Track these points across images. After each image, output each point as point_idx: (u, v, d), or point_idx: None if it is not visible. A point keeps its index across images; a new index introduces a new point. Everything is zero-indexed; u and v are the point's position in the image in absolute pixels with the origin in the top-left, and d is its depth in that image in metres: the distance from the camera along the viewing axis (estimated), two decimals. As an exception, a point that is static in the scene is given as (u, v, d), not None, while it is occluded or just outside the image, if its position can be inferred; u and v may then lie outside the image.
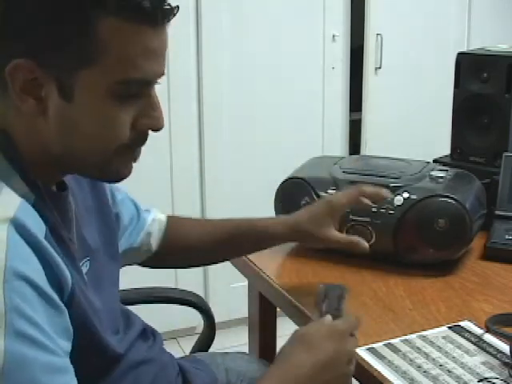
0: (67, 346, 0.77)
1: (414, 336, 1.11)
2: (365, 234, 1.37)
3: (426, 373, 1.01)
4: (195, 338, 1.54)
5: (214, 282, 2.79)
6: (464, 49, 2.68)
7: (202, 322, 1.54)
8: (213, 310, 1.53)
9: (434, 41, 3.07)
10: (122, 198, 1.17)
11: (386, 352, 1.06)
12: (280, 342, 1.65)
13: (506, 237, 1.44)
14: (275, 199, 1.51)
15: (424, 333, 1.12)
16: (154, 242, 1.24)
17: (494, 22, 3.15)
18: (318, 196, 1.44)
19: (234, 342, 2.44)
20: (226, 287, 2.73)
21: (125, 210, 1.17)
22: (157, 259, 1.25)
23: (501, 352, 1.05)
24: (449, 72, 1.74)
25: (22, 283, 0.70)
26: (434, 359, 1.04)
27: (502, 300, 1.25)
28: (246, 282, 1.55)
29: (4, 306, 0.67)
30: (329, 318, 0.97)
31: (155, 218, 1.25)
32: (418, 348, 1.08)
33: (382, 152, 1.84)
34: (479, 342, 1.08)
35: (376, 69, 2.96)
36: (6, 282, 0.68)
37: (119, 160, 0.86)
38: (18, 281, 0.70)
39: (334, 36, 2.86)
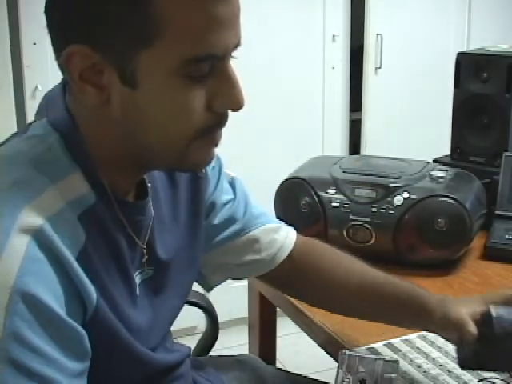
0: (81, 367, 0.71)
1: (413, 336, 1.11)
2: (365, 234, 1.37)
3: (425, 373, 1.01)
4: (195, 338, 1.54)
5: (214, 282, 2.79)
6: (464, 49, 2.68)
7: (202, 321, 1.54)
8: (213, 309, 1.53)
9: (433, 41, 3.07)
10: (233, 196, 1.07)
11: (386, 352, 1.06)
12: (280, 342, 1.66)
13: (506, 237, 1.45)
14: (275, 199, 1.51)
15: (424, 333, 1.12)
16: (280, 253, 1.08)
17: (494, 22, 3.15)
18: (318, 196, 1.44)
19: (234, 341, 2.44)
20: (226, 287, 2.71)
21: (225, 209, 1.05)
22: (283, 279, 1.11)
23: (501, 352, 1.05)
24: (449, 72, 1.74)
25: (29, 306, 0.64)
26: (434, 359, 1.04)
27: (502, 300, 1.25)
28: (245, 282, 1.55)
29: (3, 331, 0.62)
30: None
31: (283, 228, 1.10)
32: (418, 348, 1.08)
33: (382, 152, 1.84)
34: (479, 342, 1.08)
35: (376, 69, 2.96)
36: (10, 303, 0.63)
37: (197, 147, 0.77)
38: (25, 303, 0.64)
39: (333, 36, 2.86)
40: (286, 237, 1.10)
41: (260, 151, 2.78)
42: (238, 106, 0.76)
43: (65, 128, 0.76)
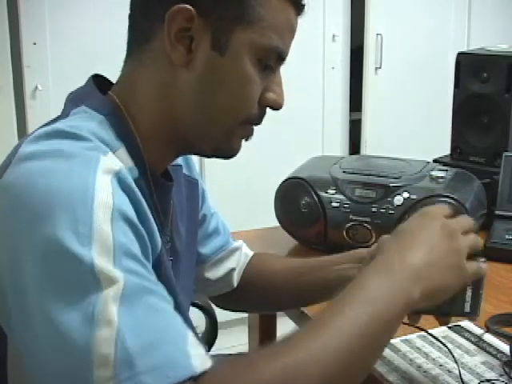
0: None
1: (413, 336, 1.11)
2: (365, 234, 1.37)
3: (425, 373, 1.01)
4: (195, 338, 1.54)
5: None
6: (464, 49, 2.68)
7: (202, 322, 1.54)
8: (213, 310, 1.53)
9: (433, 41, 3.07)
10: (215, 211, 1.13)
11: (386, 352, 1.06)
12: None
13: (506, 237, 1.44)
14: (275, 199, 1.51)
15: (424, 333, 1.12)
16: (236, 275, 1.14)
17: (494, 22, 3.15)
18: (318, 196, 1.44)
19: (234, 342, 2.44)
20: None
21: (213, 219, 1.12)
22: (236, 297, 1.16)
23: (501, 352, 1.05)
24: (449, 72, 1.74)
25: (127, 224, 0.69)
26: (434, 359, 1.04)
27: (502, 300, 1.25)
28: (245, 282, 1.55)
29: (113, 241, 0.67)
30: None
31: (241, 249, 1.16)
32: (417, 348, 1.08)
33: (382, 152, 1.84)
34: (479, 342, 1.08)
35: (376, 69, 2.96)
36: (114, 219, 0.68)
37: (238, 134, 0.86)
38: (124, 221, 0.69)
39: (334, 36, 2.87)
40: (246, 253, 1.17)
41: (260, 151, 2.77)
42: (279, 103, 0.87)
43: (106, 110, 0.80)
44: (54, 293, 0.64)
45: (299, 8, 0.84)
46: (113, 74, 0.87)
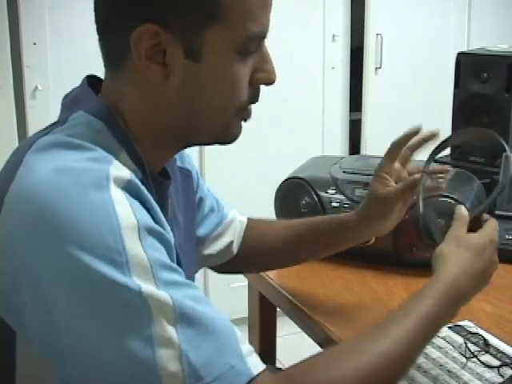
0: None
1: (413, 336, 1.11)
2: (365, 234, 1.36)
3: (425, 373, 1.01)
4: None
5: (214, 282, 2.79)
6: (464, 49, 2.68)
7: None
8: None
9: (434, 41, 3.07)
10: (207, 188, 1.15)
11: (386, 352, 1.06)
12: (280, 342, 1.66)
13: (506, 237, 1.44)
14: (275, 199, 1.51)
15: (424, 333, 1.12)
16: (235, 244, 1.20)
17: (494, 22, 3.15)
18: (318, 196, 1.44)
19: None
20: (226, 287, 2.73)
21: (208, 199, 1.15)
22: (236, 263, 1.21)
23: (501, 352, 1.05)
24: (449, 72, 1.74)
25: (152, 236, 0.72)
26: (434, 359, 1.04)
27: (502, 300, 1.25)
28: (245, 282, 1.55)
29: (148, 261, 0.69)
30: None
31: (235, 218, 1.21)
32: (417, 348, 1.08)
33: (382, 152, 1.84)
34: (479, 342, 1.08)
35: (376, 69, 2.96)
36: (142, 238, 0.70)
37: (236, 120, 0.85)
38: (150, 235, 0.71)
39: (333, 36, 2.87)
40: (241, 221, 1.22)
41: (260, 151, 2.78)
42: (271, 79, 0.85)
43: (103, 114, 0.80)
44: (108, 323, 0.67)
45: None
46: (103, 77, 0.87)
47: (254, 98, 0.86)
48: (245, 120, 0.88)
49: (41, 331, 0.70)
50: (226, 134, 0.86)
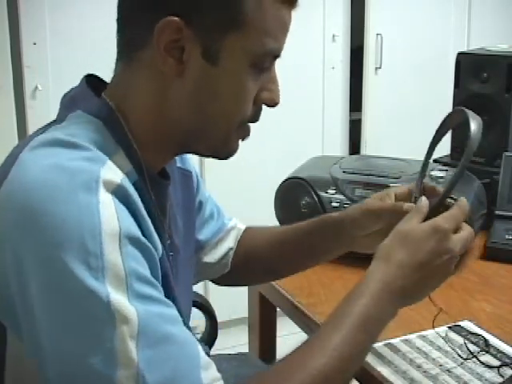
0: None
1: (413, 336, 1.11)
2: (365, 234, 1.36)
3: (425, 373, 1.01)
4: (194, 338, 1.54)
5: (214, 282, 2.79)
6: (464, 49, 2.68)
7: (200, 321, 1.54)
8: (213, 309, 1.53)
9: (434, 41, 3.07)
10: (209, 194, 1.15)
11: (386, 352, 1.06)
12: (280, 342, 1.66)
13: (506, 237, 1.45)
14: (275, 199, 1.51)
15: (424, 333, 1.12)
16: (231, 254, 1.17)
17: (494, 22, 3.15)
18: (318, 196, 1.44)
19: (234, 341, 2.44)
20: (226, 287, 2.73)
21: (208, 204, 1.14)
22: (233, 274, 1.19)
23: (501, 352, 1.05)
24: (449, 72, 1.74)
25: (134, 246, 0.71)
26: (434, 359, 1.04)
27: (502, 300, 1.25)
28: (246, 282, 1.55)
29: (124, 270, 0.69)
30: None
31: (236, 226, 1.19)
32: (417, 348, 1.08)
33: (382, 152, 1.84)
34: (479, 342, 1.08)
35: (376, 69, 2.96)
36: (122, 246, 0.69)
37: (235, 136, 0.86)
38: (131, 244, 0.70)
39: (333, 36, 2.87)
40: (240, 229, 1.20)
41: (260, 151, 2.77)
42: (275, 101, 0.86)
43: (102, 113, 0.80)
44: (72, 330, 0.67)
45: (292, 3, 0.84)
46: (112, 74, 0.87)
47: (255, 116, 0.86)
48: (243, 139, 0.88)
49: (27, 329, 0.70)
50: (225, 147, 0.87)
